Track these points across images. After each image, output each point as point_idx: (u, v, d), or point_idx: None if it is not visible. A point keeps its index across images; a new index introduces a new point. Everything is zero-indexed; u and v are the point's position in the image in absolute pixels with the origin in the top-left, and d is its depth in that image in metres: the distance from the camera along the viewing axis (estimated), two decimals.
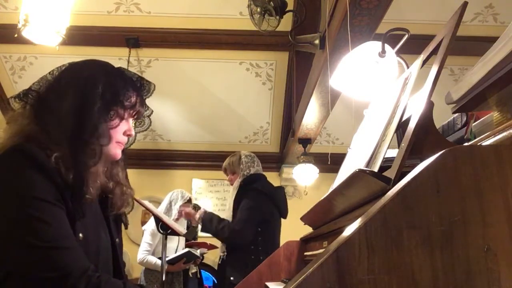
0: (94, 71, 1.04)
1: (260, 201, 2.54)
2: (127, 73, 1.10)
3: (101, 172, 1.02)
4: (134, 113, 1.09)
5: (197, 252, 3.46)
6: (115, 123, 1.02)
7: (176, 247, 3.50)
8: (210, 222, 2.56)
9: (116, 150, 1.06)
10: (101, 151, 0.98)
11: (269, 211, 2.58)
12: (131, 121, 1.09)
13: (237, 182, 2.65)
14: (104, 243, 1.06)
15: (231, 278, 2.39)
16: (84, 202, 0.96)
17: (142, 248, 3.43)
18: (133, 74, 1.12)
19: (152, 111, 1.20)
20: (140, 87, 1.11)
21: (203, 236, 4.53)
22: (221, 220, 2.56)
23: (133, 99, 1.06)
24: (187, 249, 3.35)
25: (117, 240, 1.13)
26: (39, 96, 1.00)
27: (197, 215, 2.63)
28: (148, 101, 1.18)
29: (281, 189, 2.82)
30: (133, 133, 1.09)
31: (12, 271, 0.86)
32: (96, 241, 1.01)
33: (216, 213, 2.70)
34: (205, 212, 2.64)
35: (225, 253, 2.54)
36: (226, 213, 2.67)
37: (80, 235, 0.94)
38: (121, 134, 1.06)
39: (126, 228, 1.21)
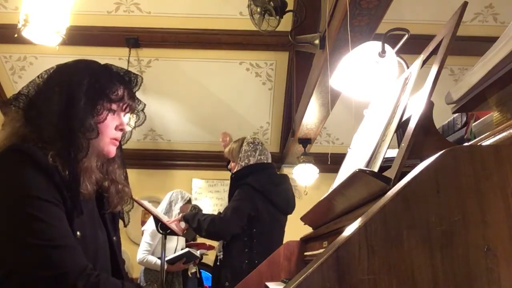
0: (79, 69, 1.06)
1: (251, 196, 2.33)
2: (114, 68, 1.11)
3: (94, 167, 1.03)
4: (124, 106, 1.09)
5: (197, 252, 3.46)
6: (103, 117, 1.03)
7: (175, 247, 3.51)
8: (193, 216, 2.42)
9: (109, 147, 1.07)
10: (88, 145, 0.99)
11: (264, 210, 2.36)
12: (122, 115, 1.10)
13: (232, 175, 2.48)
14: (101, 242, 1.07)
15: (226, 284, 2.26)
16: (82, 198, 0.97)
17: (142, 248, 3.44)
18: (120, 69, 1.13)
19: (145, 104, 1.21)
20: (128, 81, 1.12)
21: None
22: (206, 214, 2.44)
23: (120, 92, 1.07)
24: (187, 249, 3.36)
25: (114, 238, 1.13)
26: (29, 99, 1.02)
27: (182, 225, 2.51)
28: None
29: (283, 182, 2.52)
30: (126, 127, 1.11)
31: (11, 270, 0.86)
32: (94, 240, 1.02)
33: (216, 213, 2.64)
34: (188, 212, 2.56)
35: (222, 253, 2.41)
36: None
37: (78, 233, 0.95)
38: (113, 129, 1.07)
39: (125, 226, 1.21)
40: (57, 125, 0.96)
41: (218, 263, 2.43)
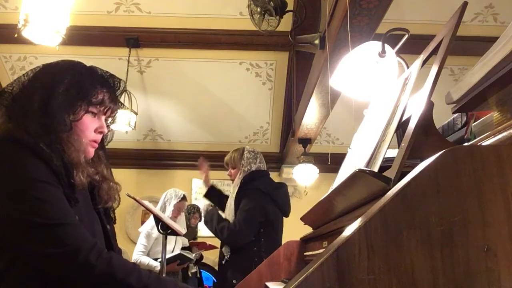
0: (62, 69, 1.07)
1: (260, 201, 2.50)
2: (98, 71, 1.12)
3: (84, 163, 1.05)
4: (105, 109, 1.11)
5: (192, 255, 3.45)
6: (78, 116, 1.04)
7: (172, 249, 3.50)
8: (211, 219, 2.56)
9: (88, 148, 1.08)
10: (63, 138, 1.00)
11: (271, 211, 2.54)
12: (103, 118, 1.12)
13: (237, 179, 2.62)
14: (97, 229, 1.09)
15: (234, 281, 2.34)
16: (76, 188, 1.00)
17: (136, 250, 3.44)
18: (105, 72, 1.14)
19: (124, 104, 1.22)
20: (112, 85, 1.13)
21: (203, 236, 4.54)
22: (221, 219, 2.56)
23: (101, 96, 1.08)
24: (178, 252, 3.35)
25: (108, 226, 1.15)
26: (12, 97, 1.04)
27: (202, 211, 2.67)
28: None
29: (282, 186, 2.75)
30: (105, 130, 1.12)
31: (22, 252, 0.89)
32: (90, 225, 1.04)
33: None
34: (208, 210, 2.65)
35: (229, 253, 2.52)
36: (227, 212, 2.64)
37: (76, 217, 0.97)
38: (92, 131, 1.08)
39: (114, 223, 1.23)
40: (38, 121, 0.98)
41: (224, 262, 2.54)
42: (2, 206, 0.90)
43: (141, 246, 3.43)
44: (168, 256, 3.33)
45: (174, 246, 3.54)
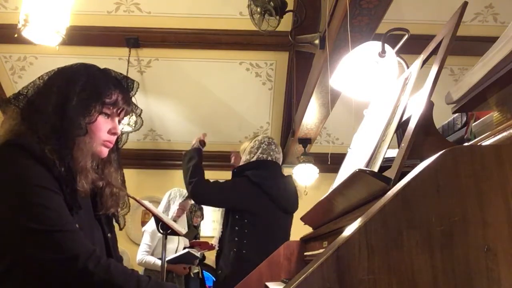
0: (77, 71, 1.08)
1: (244, 187, 2.31)
2: (112, 73, 1.13)
3: (90, 167, 1.05)
4: (118, 111, 1.11)
5: (198, 253, 3.45)
6: (93, 118, 1.05)
7: (176, 248, 3.50)
8: (190, 159, 2.51)
9: (101, 148, 1.09)
10: (74, 142, 1.01)
11: (261, 204, 2.29)
12: (116, 120, 1.12)
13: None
14: (97, 238, 1.09)
15: (219, 272, 2.27)
16: (78, 195, 1.00)
17: (141, 249, 3.44)
18: (119, 74, 1.15)
19: (142, 110, 1.22)
20: (125, 86, 1.14)
21: (204, 236, 4.54)
22: (201, 171, 2.47)
23: (115, 97, 1.09)
24: (186, 250, 3.35)
25: (109, 235, 1.15)
26: (27, 99, 1.05)
27: (194, 141, 2.61)
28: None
29: (284, 179, 2.47)
30: (118, 131, 1.12)
31: (20, 258, 0.89)
32: (90, 235, 1.04)
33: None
34: (197, 149, 2.56)
35: (219, 243, 2.41)
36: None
37: (77, 225, 0.97)
38: (105, 132, 1.09)
39: (120, 229, 1.23)
40: (51, 124, 0.98)
41: (216, 253, 2.44)
42: (2, 211, 0.90)
43: (145, 246, 3.44)
44: (176, 255, 3.34)
45: (178, 245, 3.54)
